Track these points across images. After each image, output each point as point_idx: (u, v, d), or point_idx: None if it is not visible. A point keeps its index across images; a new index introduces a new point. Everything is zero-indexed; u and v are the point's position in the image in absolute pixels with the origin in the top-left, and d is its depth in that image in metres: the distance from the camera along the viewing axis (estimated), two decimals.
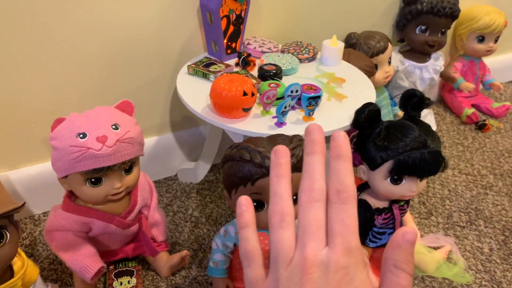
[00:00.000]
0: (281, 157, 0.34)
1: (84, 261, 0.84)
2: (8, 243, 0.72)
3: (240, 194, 0.75)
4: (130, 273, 0.93)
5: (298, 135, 0.76)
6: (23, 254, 0.80)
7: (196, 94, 0.94)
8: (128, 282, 0.92)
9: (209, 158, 1.22)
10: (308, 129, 0.33)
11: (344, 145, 0.31)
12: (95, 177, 0.80)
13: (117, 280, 0.92)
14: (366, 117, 0.84)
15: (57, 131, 0.80)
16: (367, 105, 0.85)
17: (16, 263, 0.80)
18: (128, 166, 0.84)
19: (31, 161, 1.08)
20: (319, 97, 0.84)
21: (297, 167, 0.72)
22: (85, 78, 1.02)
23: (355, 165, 1.28)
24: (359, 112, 0.85)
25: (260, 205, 0.75)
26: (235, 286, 0.88)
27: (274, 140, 0.75)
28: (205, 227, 1.10)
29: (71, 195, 0.87)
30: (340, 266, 0.29)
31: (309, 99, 0.84)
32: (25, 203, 0.74)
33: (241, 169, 0.73)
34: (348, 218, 0.30)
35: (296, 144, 0.74)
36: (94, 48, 0.99)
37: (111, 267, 0.94)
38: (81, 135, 0.77)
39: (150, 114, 1.17)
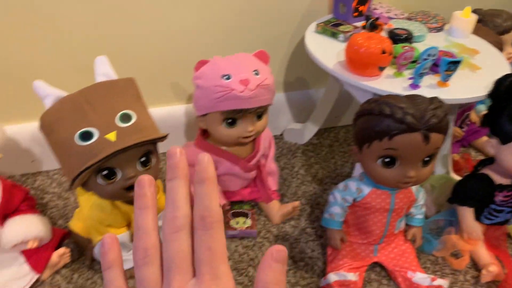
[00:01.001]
0: (144, 187, 0.31)
1: None
2: (152, 167, 0.79)
3: (374, 149, 0.76)
4: (245, 215, 0.99)
5: (436, 97, 0.76)
6: (159, 181, 0.87)
7: (325, 51, 0.96)
8: (244, 222, 0.97)
9: (318, 121, 1.24)
10: (169, 153, 0.31)
11: (208, 168, 0.30)
12: (233, 117, 0.85)
13: (234, 219, 0.97)
14: (507, 88, 0.82)
15: (202, 71, 0.85)
16: (509, 75, 0.82)
17: None
18: (261, 112, 0.88)
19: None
20: (459, 62, 0.83)
21: (439, 127, 0.72)
22: (218, 26, 1.07)
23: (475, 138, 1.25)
24: (499, 82, 0.83)
25: (392, 161, 0.76)
26: (348, 240, 0.91)
27: (413, 99, 0.75)
28: (311, 185, 1.13)
29: (204, 134, 0.93)
30: None
31: (449, 64, 0.83)
32: (168, 134, 0.80)
33: (379, 123, 0.74)
34: (214, 244, 0.28)
35: (436, 105, 0.73)
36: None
37: (228, 207, 1.00)
38: (225, 77, 0.82)
39: None
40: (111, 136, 0.72)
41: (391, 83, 0.86)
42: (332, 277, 0.84)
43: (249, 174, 0.97)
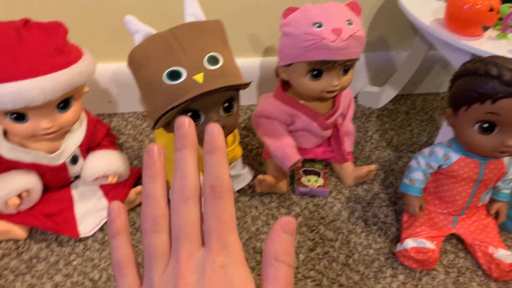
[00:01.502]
0: (154, 156, 0.30)
1: (286, 149, 0.88)
2: (234, 114, 0.78)
3: (472, 113, 0.71)
4: (317, 174, 0.96)
5: None
6: (236, 130, 0.86)
7: (421, 7, 0.89)
8: (316, 181, 0.95)
9: (397, 86, 1.18)
10: (177, 123, 0.30)
11: (218, 138, 0.29)
12: (319, 69, 0.81)
13: (306, 177, 0.95)
14: None
15: (291, 18, 0.81)
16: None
17: (229, 138, 0.86)
18: (348, 67, 0.84)
19: None
20: None
21: None
22: None
23: None
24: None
25: (491, 127, 0.71)
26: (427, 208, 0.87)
27: None
28: (385, 151, 1.08)
29: (283, 86, 0.91)
30: (217, 266, 0.27)
31: None
32: (251, 82, 0.78)
33: (483, 85, 0.68)
34: (224, 214, 0.28)
35: None
36: None
37: (300, 163, 0.98)
38: (317, 25, 0.78)
39: None
40: (199, 77, 0.71)
41: (494, 45, 0.79)
42: (410, 243, 0.80)
43: (325, 132, 0.94)
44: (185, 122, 0.30)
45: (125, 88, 1.08)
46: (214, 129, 0.29)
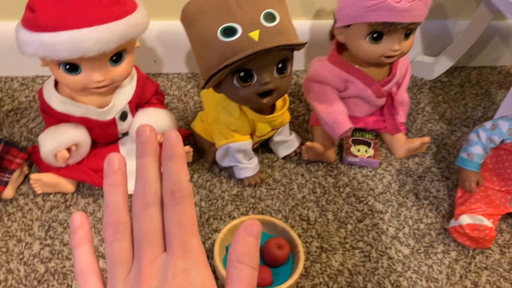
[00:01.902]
0: (114, 165, 0.31)
1: (337, 116, 0.85)
2: (287, 76, 0.74)
3: None
4: (367, 144, 0.93)
5: None
6: (286, 95, 0.83)
7: None
8: (366, 151, 0.91)
9: (453, 57, 1.12)
10: (138, 130, 0.30)
11: (177, 144, 0.29)
12: (380, 32, 0.77)
13: (355, 146, 0.92)
14: None
15: None
16: None
17: (279, 101, 0.83)
18: (411, 30, 0.79)
19: None
20: None
21: None
22: None
23: None
24: None
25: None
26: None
27: None
28: (438, 124, 1.03)
29: (339, 49, 0.86)
30: (179, 270, 0.27)
31: None
32: (307, 42, 0.74)
33: None
34: (184, 218, 0.28)
35: None
36: None
37: (350, 132, 0.94)
38: None
39: None
40: (255, 34, 0.68)
41: None
42: (466, 219, 0.77)
43: (379, 100, 0.90)
44: (146, 130, 0.30)
45: (171, 47, 1.06)
46: (172, 135, 0.29)
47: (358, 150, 0.91)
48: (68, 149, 0.77)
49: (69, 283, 0.69)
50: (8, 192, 0.79)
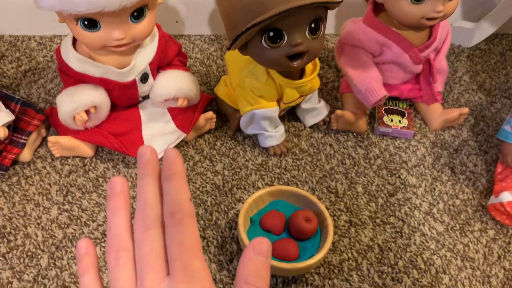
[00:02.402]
0: (117, 188, 0.30)
1: (372, 83, 0.79)
2: (320, 37, 0.69)
3: None
4: (401, 113, 0.87)
5: None
6: (316, 59, 0.77)
7: None
8: (399, 121, 0.86)
9: (496, 22, 1.04)
10: (140, 152, 0.30)
11: (176, 162, 0.28)
12: None
13: (388, 116, 0.86)
14: None
15: None
16: None
17: (308, 66, 0.78)
18: None
19: None
20: None
21: None
22: None
23: None
24: None
25: None
26: None
27: None
28: (476, 94, 0.96)
29: (375, 9, 0.80)
30: None
31: None
32: (342, 0, 0.68)
33: None
34: (186, 240, 0.27)
35: None
36: None
37: (384, 100, 0.88)
38: None
39: None
40: None
41: None
42: (507, 196, 0.71)
43: (416, 67, 0.83)
44: (147, 152, 0.30)
45: (193, 7, 1.00)
46: (171, 154, 0.28)
47: (391, 120, 0.86)
48: (87, 112, 0.74)
49: None
50: (26, 155, 0.76)
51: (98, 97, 0.73)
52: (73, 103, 0.72)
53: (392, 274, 0.67)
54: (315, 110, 0.85)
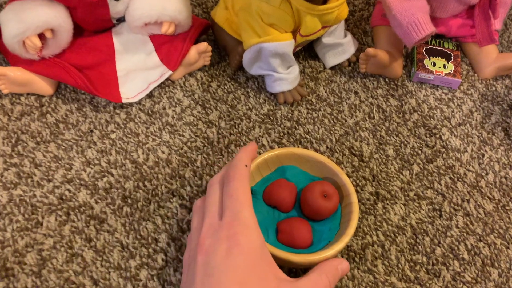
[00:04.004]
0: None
1: (417, 15, 0.60)
2: None
3: None
4: (446, 56, 0.69)
5: None
6: None
7: None
8: (444, 66, 0.68)
9: None
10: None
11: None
12: None
13: (429, 59, 0.68)
14: None
15: None
16: None
17: None
18: None
19: None
20: None
21: None
22: None
23: None
24: None
25: None
26: None
27: None
28: None
29: None
30: (229, 233, 0.35)
31: None
32: None
33: None
34: (235, 192, 0.38)
35: None
36: None
37: (428, 38, 0.70)
38: None
39: None
40: None
41: None
42: None
43: None
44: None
45: None
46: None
47: (434, 64, 0.68)
48: (41, 36, 0.56)
49: (39, 219, 0.52)
50: None
51: (54, 17, 0.55)
52: (21, 24, 0.54)
53: (428, 266, 0.53)
54: (340, 47, 0.67)
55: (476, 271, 0.53)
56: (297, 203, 0.51)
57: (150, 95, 0.63)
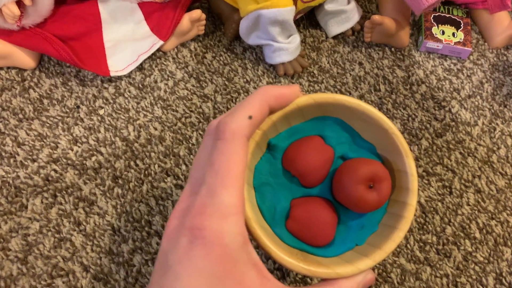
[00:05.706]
0: None
1: None
2: None
3: None
4: (455, 24, 0.65)
5: None
6: None
7: None
8: (453, 34, 0.64)
9: None
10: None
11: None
12: None
13: (438, 27, 0.64)
14: None
15: None
16: None
17: None
18: None
19: None
20: None
21: None
22: None
23: None
24: None
25: None
26: None
27: None
28: None
29: None
30: (195, 221, 0.26)
31: None
32: None
33: None
34: (218, 161, 0.27)
35: None
36: None
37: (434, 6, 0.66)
38: None
39: None
40: None
41: None
42: None
43: None
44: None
45: None
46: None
47: (442, 33, 0.64)
48: (21, 4, 0.51)
49: (24, 202, 0.48)
50: None
51: None
52: None
53: (438, 246, 0.50)
54: (343, 14, 0.62)
55: (488, 251, 0.51)
56: (329, 177, 0.33)
57: (140, 68, 0.58)
